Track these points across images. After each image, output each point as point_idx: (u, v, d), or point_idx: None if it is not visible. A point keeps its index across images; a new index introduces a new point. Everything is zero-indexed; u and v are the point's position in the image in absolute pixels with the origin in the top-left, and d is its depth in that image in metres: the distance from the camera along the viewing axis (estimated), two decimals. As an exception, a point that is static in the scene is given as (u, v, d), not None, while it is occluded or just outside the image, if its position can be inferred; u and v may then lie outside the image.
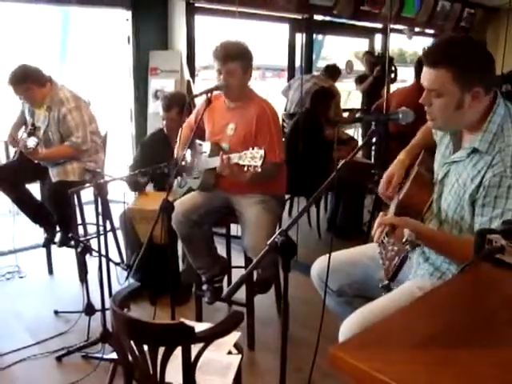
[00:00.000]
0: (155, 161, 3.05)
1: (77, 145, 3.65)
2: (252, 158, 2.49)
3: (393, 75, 6.27)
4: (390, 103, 4.33)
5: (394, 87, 5.29)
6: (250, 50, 2.91)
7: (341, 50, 9.37)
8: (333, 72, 6.17)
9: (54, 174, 3.69)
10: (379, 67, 6.33)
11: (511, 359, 0.97)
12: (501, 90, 5.34)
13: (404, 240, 1.49)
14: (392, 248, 1.52)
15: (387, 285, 1.49)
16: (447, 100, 1.69)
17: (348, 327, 1.79)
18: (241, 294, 2.88)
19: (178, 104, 3.50)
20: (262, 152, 2.47)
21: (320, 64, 8.08)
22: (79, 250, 2.77)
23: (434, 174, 1.96)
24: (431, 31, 8.15)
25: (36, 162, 3.71)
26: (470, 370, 0.95)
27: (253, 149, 2.51)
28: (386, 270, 1.52)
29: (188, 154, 3.07)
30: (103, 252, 2.73)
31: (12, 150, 4.22)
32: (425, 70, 1.72)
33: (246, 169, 2.52)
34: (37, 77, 3.59)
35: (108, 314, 2.60)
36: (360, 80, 6.93)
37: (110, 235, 3.48)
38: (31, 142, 3.48)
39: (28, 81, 3.54)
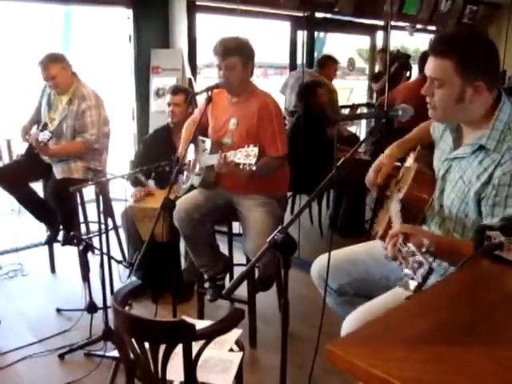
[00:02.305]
0: (156, 158, 3.06)
1: (89, 142, 3.65)
2: (247, 157, 2.51)
3: (408, 73, 6.22)
4: (394, 99, 4.33)
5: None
6: (250, 44, 2.91)
7: (342, 47, 9.35)
8: (325, 62, 5.98)
9: (59, 172, 3.69)
10: (396, 65, 6.27)
11: (509, 356, 0.97)
12: (503, 86, 5.32)
13: (424, 250, 1.45)
14: (413, 259, 1.46)
15: (410, 297, 1.43)
16: (448, 91, 1.69)
17: (350, 324, 1.80)
18: (243, 292, 2.89)
19: (185, 92, 3.63)
20: (255, 150, 2.48)
21: (322, 61, 8.06)
22: (81, 248, 2.78)
23: (435, 170, 1.95)
24: (433, 28, 8.13)
25: (38, 160, 3.72)
26: (467, 367, 0.95)
27: (248, 146, 2.52)
28: (409, 281, 1.45)
29: (191, 150, 3.08)
30: (105, 250, 2.74)
31: (14, 150, 4.23)
32: (429, 59, 1.72)
33: (241, 167, 2.53)
34: (70, 62, 3.67)
35: (110, 311, 2.61)
36: (375, 78, 6.86)
37: (111, 233, 3.50)
38: (44, 135, 3.47)
39: (66, 61, 3.62)
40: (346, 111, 6.43)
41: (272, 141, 2.85)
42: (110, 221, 3.67)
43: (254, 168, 2.48)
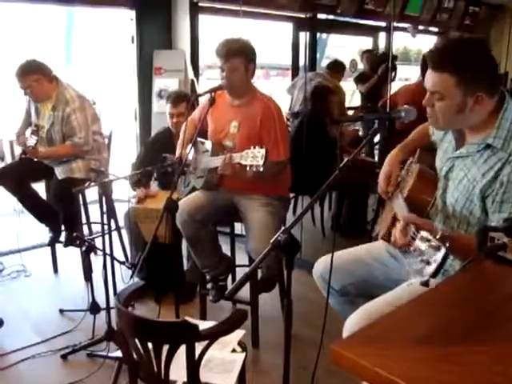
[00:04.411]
0: (158, 160, 3.06)
1: (78, 145, 3.66)
2: (254, 158, 2.50)
3: (393, 74, 6.25)
4: (396, 101, 4.33)
5: (394, 85, 5.28)
6: (251, 46, 2.90)
7: (345, 48, 9.34)
8: (336, 67, 6.10)
9: (60, 172, 3.70)
10: (384, 66, 6.30)
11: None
12: (505, 88, 5.32)
13: (439, 236, 1.47)
14: (429, 244, 1.49)
15: (427, 281, 1.46)
16: (449, 103, 1.71)
17: (352, 324, 1.80)
18: (245, 293, 2.89)
19: (186, 100, 3.57)
20: (263, 151, 2.47)
21: (324, 63, 8.04)
22: (84, 248, 2.79)
23: (437, 170, 1.96)
24: (435, 29, 8.13)
25: (39, 161, 3.73)
26: (473, 367, 0.95)
27: (254, 148, 2.51)
28: (422, 267, 1.48)
29: (191, 152, 3.08)
30: (108, 251, 2.74)
31: (17, 150, 4.24)
32: (429, 72, 1.74)
33: (248, 168, 2.52)
34: (47, 71, 3.63)
35: (113, 312, 2.61)
36: (361, 79, 6.85)
37: (114, 234, 3.50)
38: (31, 140, 3.50)
39: (39, 72, 3.57)
40: (350, 113, 6.45)
41: (274, 145, 2.84)
42: (112, 222, 3.67)
43: (261, 169, 2.47)
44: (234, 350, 2.05)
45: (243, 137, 2.89)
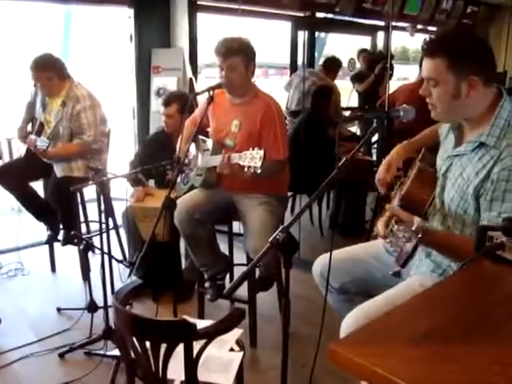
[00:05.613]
0: (156, 159, 3.06)
1: (87, 143, 3.64)
2: (252, 159, 2.50)
3: (390, 72, 6.26)
4: (394, 100, 4.33)
5: (391, 84, 5.30)
6: (251, 44, 2.90)
7: (343, 47, 9.35)
8: (331, 65, 6.06)
9: (59, 170, 3.69)
10: (381, 64, 6.30)
11: (512, 355, 0.97)
12: (504, 86, 5.32)
13: (414, 228, 1.50)
14: (403, 235, 1.53)
15: (398, 272, 1.49)
16: (444, 88, 1.72)
17: (349, 323, 1.80)
18: (243, 292, 2.89)
19: (178, 101, 3.52)
20: (261, 153, 2.48)
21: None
22: (82, 247, 2.78)
23: (437, 168, 1.96)
24: (434, 28, 8.14)
25: (41, 158, 3.72)
26: (472, 367, 0.95)
27: (253, 149, 2.52)
28: (397, 257, 1.53)
29: (192, 150, 3.07)
30: (106, 249, 2.74)
31: (14, 148, 4.22)
32: (424, 60, 1.76)
33: (246, 169, 2.53)
34: (60, 69, 3.62)
35: (110, 311, 2.61)
36: (358, 78, 6.85)
37: (112, 233, 3.50)
38: (42, 142, 3.45)
39: (52, 70, 3.55)
40: (347, 113, 6.45)
41: (274, 144, 2.85)
42: (110, 220, 3.67)
43: (259, 171, 2.48)
44: (231, 349, 2.05)
45: (244, 136, 2.89)
